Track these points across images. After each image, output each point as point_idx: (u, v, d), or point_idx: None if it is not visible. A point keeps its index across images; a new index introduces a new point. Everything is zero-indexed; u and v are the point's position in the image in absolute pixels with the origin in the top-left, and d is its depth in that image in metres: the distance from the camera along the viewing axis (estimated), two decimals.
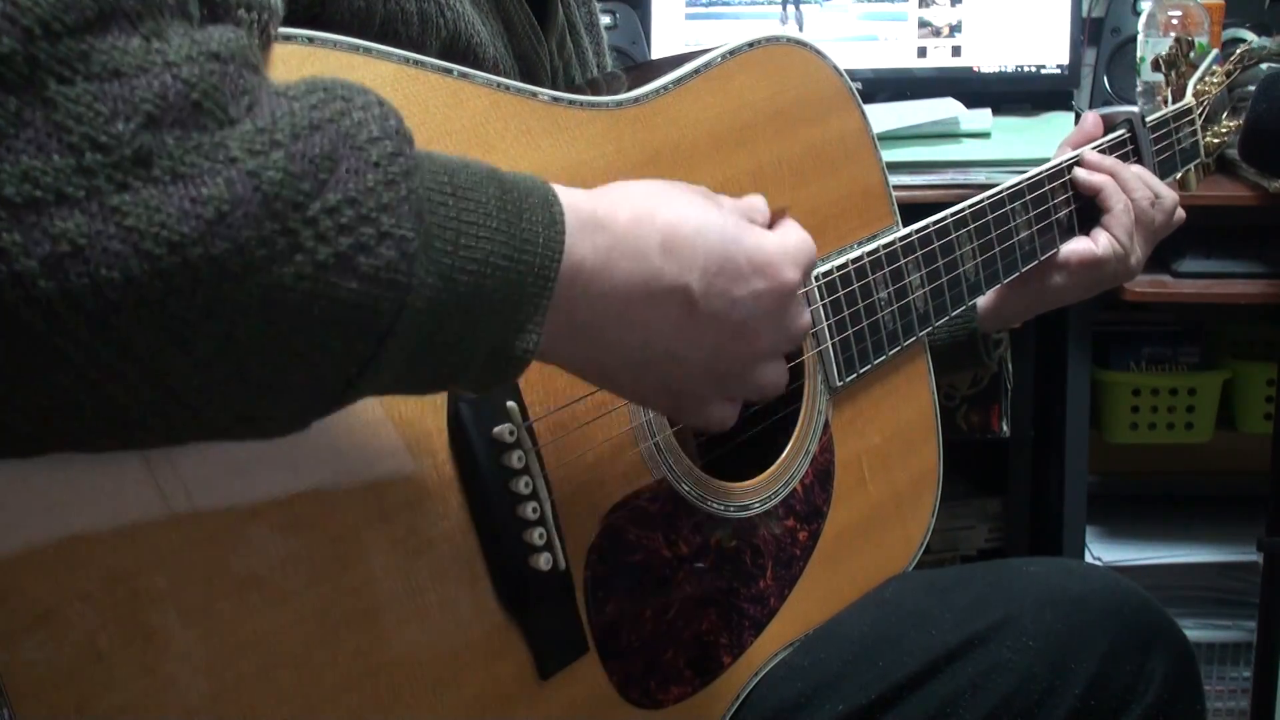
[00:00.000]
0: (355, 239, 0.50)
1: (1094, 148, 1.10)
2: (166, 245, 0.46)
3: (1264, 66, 1.53)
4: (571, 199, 0.61)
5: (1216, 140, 1.26)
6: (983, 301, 1.10)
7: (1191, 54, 1.25)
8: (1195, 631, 1.85)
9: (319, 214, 0.49)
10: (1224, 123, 1.27)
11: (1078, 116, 1.73)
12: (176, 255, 0.46)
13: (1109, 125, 1.13)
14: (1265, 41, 1.74)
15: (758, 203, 0.72)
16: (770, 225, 0.72)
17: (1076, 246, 1.07)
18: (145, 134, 0.46)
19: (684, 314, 0.65)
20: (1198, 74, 1.24)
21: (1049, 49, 1.91)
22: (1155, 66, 1.30)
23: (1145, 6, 1.72)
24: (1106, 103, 1.89)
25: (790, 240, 0.70)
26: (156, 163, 0.46)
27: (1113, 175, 1.07)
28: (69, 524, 0.53)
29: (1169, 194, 1.10)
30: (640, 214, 0.64)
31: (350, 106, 0.52)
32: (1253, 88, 1.41)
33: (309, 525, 0.61)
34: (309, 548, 0.61)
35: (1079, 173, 1.08)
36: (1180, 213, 1.11)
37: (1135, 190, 1.07)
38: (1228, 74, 1.27)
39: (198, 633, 0.57)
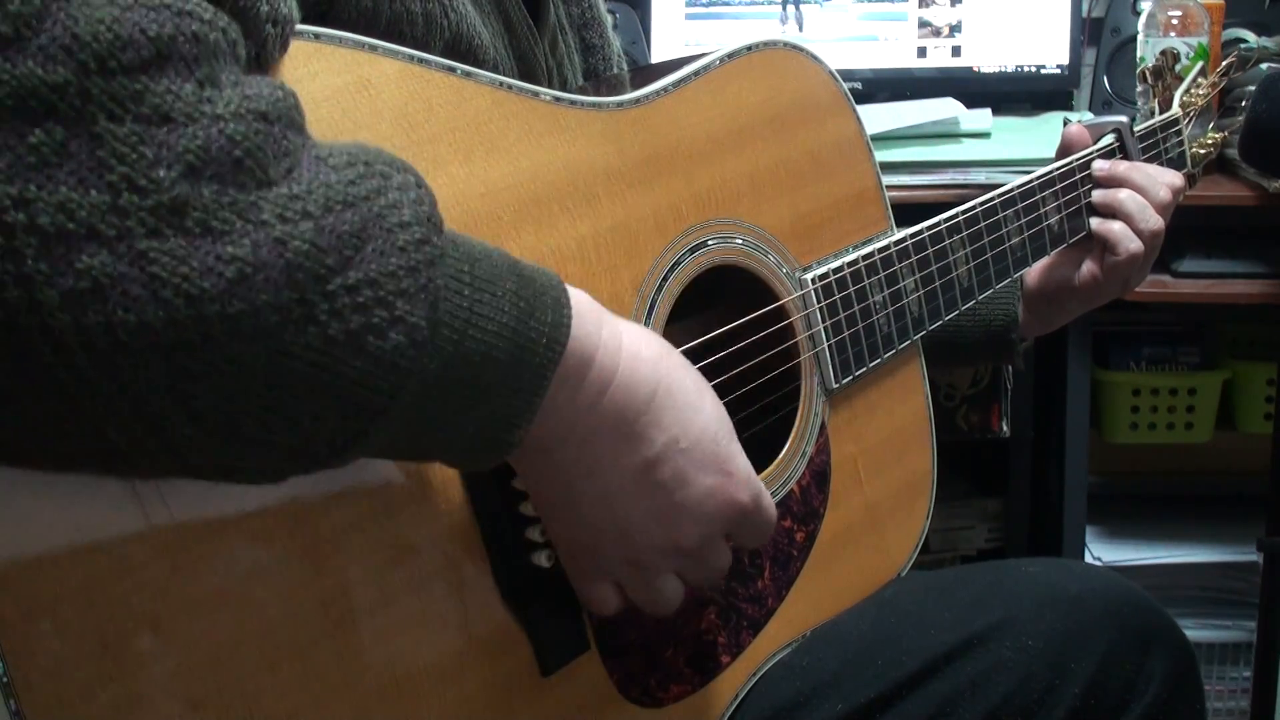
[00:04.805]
0: (368, 319, 0.50)
1: (1083, 156, 1.10)
2: (185, 297, 0.46)
3: (1264, 66, 1.53)
4: (582, 308, 0.61)
5: (1203, 151, 1.26)
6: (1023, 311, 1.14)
7: (1178, 66, 1.26)
8: (1195, 631, 1.85)
9: (338, 290, 0.50)
10: (1210, 134, 1.27)
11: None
12: (193, 309, 0.46)
13: (1097, 135, 1.14)
14: (1265, 41, 1.74)
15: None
16: None
17: (1130, 247, 1.08)
18: (184, 184, 0.46)
19: (639, 468, 0.65)
20: (1184, 85, 1.25)
21: (1049, 49, 1.91)
22: (1143, 79, 1.31)
23: (1145, 6, 1.72)
24: (1106, 103, 1.89)
25: (763, 484, 0.71)
26: (190, 214, 0.46)
27: (1126, 183, 1.09)
28: (75, 515, 0.54)
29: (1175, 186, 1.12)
30: (645, 356, 0.65)
31: (387, 185, 0.53)
32: (1252, 88, 1.41)
33: (313, 519, 0.61)
34: (313, 542, 0.61)
35: (1098, 194, 1.10)
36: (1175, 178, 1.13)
37: (1153, 197, 1.09)
38: (1213, 85, 1.28)
39: (205, 624, 0.57)
